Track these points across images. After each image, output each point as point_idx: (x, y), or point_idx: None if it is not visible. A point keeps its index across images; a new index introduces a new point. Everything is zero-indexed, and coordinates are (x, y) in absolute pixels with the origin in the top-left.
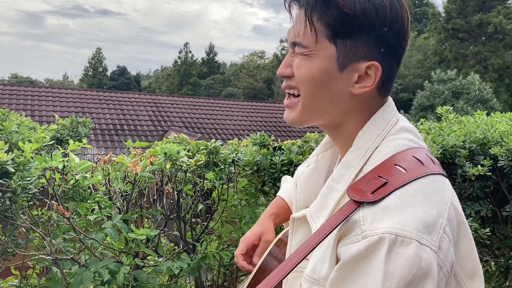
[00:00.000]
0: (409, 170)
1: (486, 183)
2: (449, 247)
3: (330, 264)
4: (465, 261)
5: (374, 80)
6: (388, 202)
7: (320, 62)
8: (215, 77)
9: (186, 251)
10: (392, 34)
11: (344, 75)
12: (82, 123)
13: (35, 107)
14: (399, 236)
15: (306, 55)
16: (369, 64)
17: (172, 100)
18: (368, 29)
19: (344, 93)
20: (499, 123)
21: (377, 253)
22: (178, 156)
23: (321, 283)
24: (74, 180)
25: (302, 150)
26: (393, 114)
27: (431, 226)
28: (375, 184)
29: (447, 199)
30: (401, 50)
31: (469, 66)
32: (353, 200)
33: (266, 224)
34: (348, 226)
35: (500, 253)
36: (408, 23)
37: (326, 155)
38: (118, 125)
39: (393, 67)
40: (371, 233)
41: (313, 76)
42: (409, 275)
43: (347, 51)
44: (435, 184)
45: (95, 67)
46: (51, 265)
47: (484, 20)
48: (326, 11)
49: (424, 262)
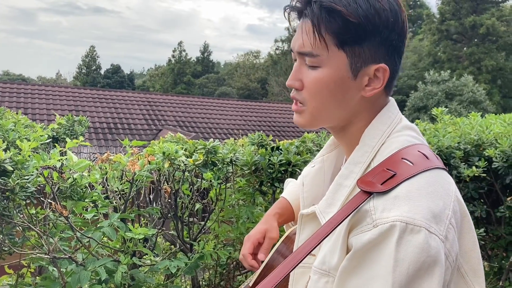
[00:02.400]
0: (415, 164)
1: (480, 184)
2: (454, 238)
3: (341, 254)
4: (468, 254)
5: (383, 81)
6: (397, 192)
7: (334, 72)
8: (209, 76)
9: (183, 251)
10: (395, 35)
11: (357, 81)
12: (79, 122)
13: (28, 105)
14: (409, 224)
15: (318, 66)
16: (378, 67)
17: (166, 99)
18: (373, 34)
19: (355, 98)
20: (493, 125)
21: (388, 241)
22: (177, 156)
23: (330, 273)
24: (72, 179)
25: (300, 150)
26: (396, 113)
27: (438, 216)
28: (384, 176)
29: (452, 192)
30: (403, 48)
31: (462, 67)
32: (363, 191)
33: (271, 222)
34: (359, 216)
35: (493, 254)
36: (406, 22)
37: (331, 156)
38: (111, 123)
39: (397, 66)
40: (382, 221)
41: (328, 87)
42: (419, 262)
43: (356, 57)
44: (440, 177)
45: (88, 65)
46: (48, 264)
47: (477, 22)
48: (331, 21)
49: (433, 249)
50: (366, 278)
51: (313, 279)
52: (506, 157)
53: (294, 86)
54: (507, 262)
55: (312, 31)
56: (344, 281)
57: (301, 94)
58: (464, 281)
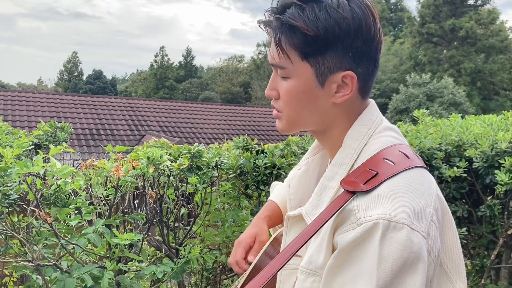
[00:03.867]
0: (397, 163)
1: (461, 184)
2: (436, 234)
3: (327, 253)
4: (451, 250)
5: (351, 87)
6: (380, 191)
7: (301, 82)
8: (192, 80)
9: (169, 256)
10: (360, 41)
11: (325, 89)
12: (61, 128)
13: (7, 111)
14: (392, 221)
15: (288, 77)
16: (344, 74)
17: (149, 104)
18: (334, 44)
19: (327, 105)
20: (473, 126)
21: (372, 238)
22: (161, 160)
23: (317, 273)
24: (56, 185)
25: (285, 153)
26: (377, 115)
27: (420, 213)
28: (366, 176)
29: (433, 190)
30: (374, 52)
31: (443, 70)
32: (347, 190)
33: (261, 225)
34: (343, 216)
35: (475, 253)
36: (375, 26)
37: (316, 158)
38: (94, 129)
39: (369, 70)
40: (365, 219)
41: (298, 97)
42: (402, 258)
43: (321, 67)
44: (421, 176)
45: (70, 71)
46: (32, 272)
47: (456, 25)
48: (292, 36)
49: (415, 246)
50: (352, 276)
51: (300, 278)
52: (486, 158)
53: (271, 96)
54: (489, 261)
55: (275, 45)
56: (330, 279)
57: (278, 103)
58: (447, 277)
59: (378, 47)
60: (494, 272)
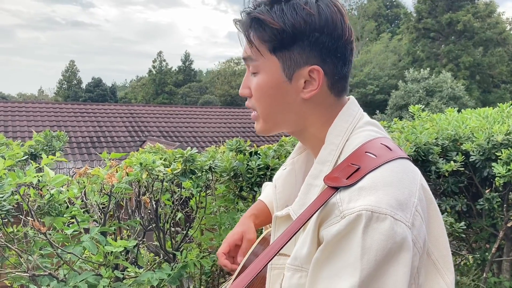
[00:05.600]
0: (379, 156)
1: (459, 178)
2: (421, 225)
3: (310, 247)
4: (437, 241)
5: (318, 82)
6: (362, 184)
7: (269, 76)
8: (191, 85)
9: (167, 261)
10: (326, 37)
11: (293, 84)
12: (57, 137)
13: (8, 123)
14: (374, 212)
15: (257, 72)
16: (311, 68)
17: (149, 109)
18: (300, 38)
19: (297, 100)
20: (469, 119)
21: (355, 230)
22: (154, 166)
23: (303, 268)
24: (50, 195)
25: (278, 153)
26: (357, 110)
27: (404, 204)
28: (348, 170)
29: (417, 180)
30: (342, 50)
31: (441, 64)
32: (330, 186)
33: (247, 224)
34: (327, 210)
35: (476, 246)
36: (343, 24)
37: (301, 158)
38: (95, 137)
39: (337, 67)
40: (348, 212)
41: (267, 92)
42: (385, 249)
43: (288, 61)
44: (404, 166)
45: (69, 80)
46: (28, 282)
47: (453, 19)
48: (259, 29)
49: (399, 236)
50: (337, 268)
51: (286, 275)
52: (483, 151)
53: (244, 93)
54: (490, 254)
55: (245, 39)
56: (317, 272)
57: (251, 101)
58: (435, 268)
59: (348, 46)
60: (496, 265)
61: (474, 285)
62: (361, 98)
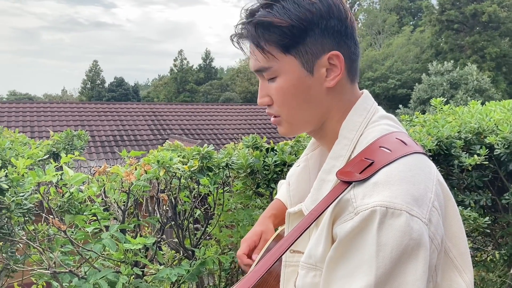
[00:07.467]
0: (393, 150)
1: (484, 172)
2: (439, 221)
3: (325, 245)
4: (456, 238)
5: (340, 66)
6: (376, 179)
7: (290, 76)
8: (212, 82)
9: (187, 258)
10: (334, 21)
11: (315, 76)
12: (78, 136)
13: (34, 123)
14: (389, 208)
15: (275, 76)
16: (329, 55)
17: (170, 108)
18: (311, 29)
19: (321, 92)
20: (493, 112)
21: (369, 227)
22: (171, 163)
23: (317, 267)
24: (69, 193)
25: (295, 150)
26: (371, 103)
27: (420, 199)
28: (362, 165)
29: (433, 175)
30: (350, 30)
31: (466, 56)
32: (343, 181)
33: (267, 224)
34: (341, 206)
35: (503, 242)
36: (343, 4)
37: (315, 154)
38: (118, 136)
39: (350, 47)
40: (362, 208)
41: (290, 92)
42: (401, 245)
43: (305, 55)
44: (420, 161)
45: (92, 80)
46: (50, 279)
47: (478, 10)
48: (267, 33)
49: (415, 232)
50: (352, 267)
51: (300, 274)
52: (508, 144)
53: (264, 103)
54: None
55: (255, 48)
56: (331, 271)
57: (273, 108)
58: (453, 265)
59: (353, 26)
60: None
61: (500, 281)
62: (382, 93)
